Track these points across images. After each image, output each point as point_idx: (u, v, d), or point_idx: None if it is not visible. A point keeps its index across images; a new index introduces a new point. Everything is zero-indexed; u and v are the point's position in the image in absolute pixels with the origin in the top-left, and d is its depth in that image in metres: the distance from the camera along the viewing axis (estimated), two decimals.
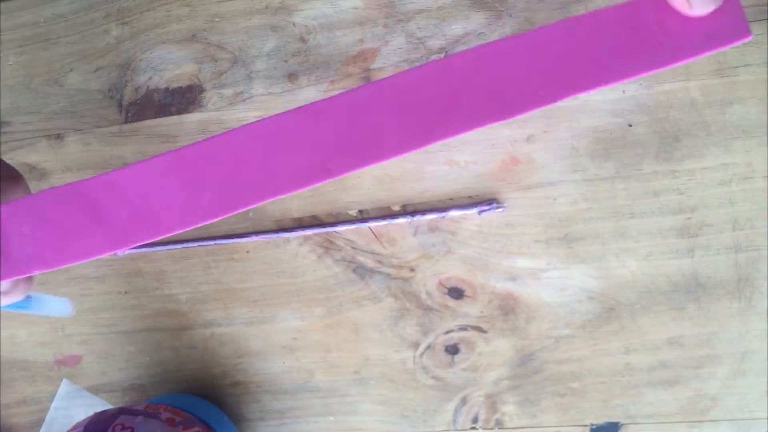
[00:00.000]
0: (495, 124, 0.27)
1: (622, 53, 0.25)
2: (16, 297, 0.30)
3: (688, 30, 0.24)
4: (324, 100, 0.26)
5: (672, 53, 0.24)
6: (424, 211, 0.39)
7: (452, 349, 0.40)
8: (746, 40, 0.24)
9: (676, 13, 0.24)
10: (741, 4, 0.24)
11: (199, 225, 0.26)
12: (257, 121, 0.27)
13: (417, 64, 0.39)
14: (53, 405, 0.45)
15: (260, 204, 0.27)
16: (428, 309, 0.40)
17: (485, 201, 0.39)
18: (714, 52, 0.24)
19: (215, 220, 0.26)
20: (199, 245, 0.42)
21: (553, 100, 0.25)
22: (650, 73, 0.25)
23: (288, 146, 0.27)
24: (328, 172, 0.27)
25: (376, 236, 0.40)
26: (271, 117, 0.27)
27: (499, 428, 0.40)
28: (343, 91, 0.26)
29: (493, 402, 0.40)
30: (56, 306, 0.39)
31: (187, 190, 0.26)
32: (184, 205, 0.26)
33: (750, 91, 0.36)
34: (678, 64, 0.24)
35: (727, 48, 0.24)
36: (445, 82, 0.26)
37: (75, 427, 0.35)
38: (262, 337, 0.42)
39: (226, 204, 0.26)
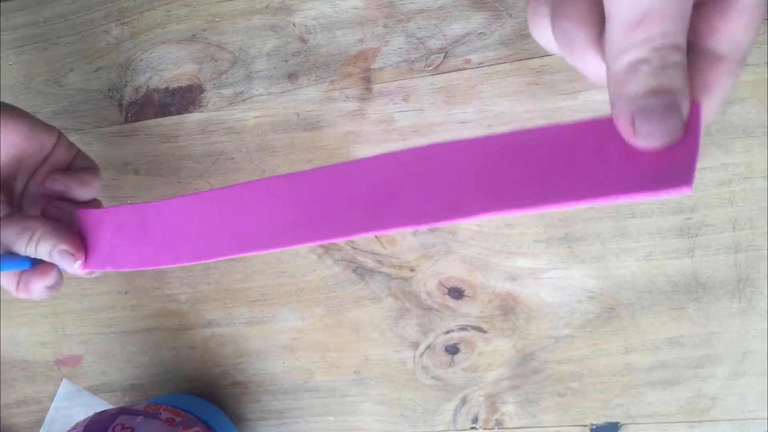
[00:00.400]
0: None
1: (549, 178, 0.22)
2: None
3: (625, 164, 0.20)
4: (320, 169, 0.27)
5: (597, 188, 0.20)
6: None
7: (452, 349, 0.40)
8: (685, 191, 0.19)
9: (622, 145, 0.20)
10: (697, 153, 0.19)
11: (210, 260, 0.29)
12: (290, 174, 0.28)
13: (417, 64, 0.39)
14: (53, 405, 0.45)
15: (265, 252, 0.28)
16: (428, 309, 0.40)
17: None
18: (645, 196, 0.20)
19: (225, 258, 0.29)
20: None
21: (470, 215, 0.23)
22: (576, 205, 0.21)
23: (309, 203, 0.27)
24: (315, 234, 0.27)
25: (376, 236, 0.40)
26: (300, 173, 0.27)
27: (499, 428, 0.40)
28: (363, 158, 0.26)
29: (493, 402, 0.40)
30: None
31: (205, 228, 0.29)
32: (204, 239, 0.29)
33: (750, 91, 0.36)
34: (599, 200, 0.20)
35: (659, 195, 0.19)
36: (389, 175, 0.25)
37: (75, 427, 0.35)
38: (262, 337, 0.42)
39: (234, 248, 0.28)
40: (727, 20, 0.19)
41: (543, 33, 0.22)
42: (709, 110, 0.20)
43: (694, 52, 0.19)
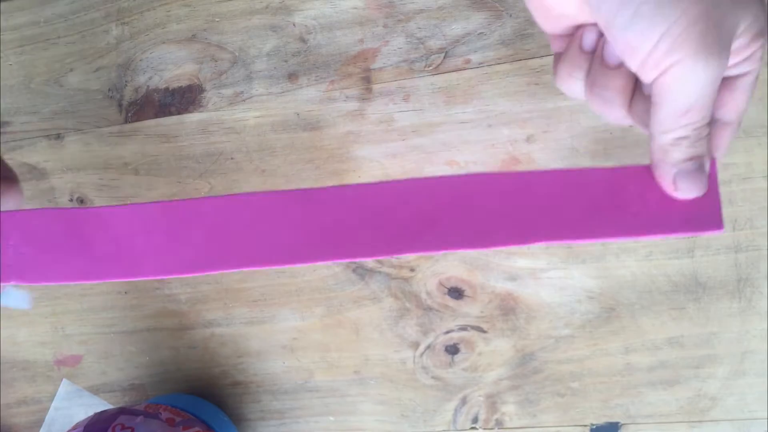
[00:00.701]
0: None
1: (598, 215, 0.25)
2: None
3: (665, 209, 0.25)
4: (323, 189, 0.27)
5: (645, 227, 0.25)
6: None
7: (452, 349, 0.40)
8: (718, 233, 0.25)
9: (658, 190, 0.26)
10: (720, 201, 0.25)
11: (173, 276, 0.27)
12: (249, 193, 0.27)
13: (417, 64, 0.39)
14: (53, 405, 0.45)
15: (234, 270, 0.28)
16: (428, 309, 0.40)
17: None
18: (685, 235, 0.25)
19: (189, 275, 0.27)
20: None
21: (516, 243, 0.26)
22: (620, 240, 0.26)
23: (274, 223, 0.27)
24: (296, 257, 0.27)
25: None
26: (266, 193, 0.27)
27: (499, 428, 0.40)
28: (335, 186, 0.27)
29: (493, 402, 0.40)
30: (16, 298, 0.38)
31: (171, 241, 0.27)
32: (164, 255, 0.27)
33: None
34: (648, 238, 0.25)
35: (697, 235, 0.25)
36: (430, 200, 0.26)
37: (75, 427, 0.35)
38: (262, 337, 0.42)
39: (203, 264, 0.27)
40: (733, 96, 0.25)
41: (573, 88, 0.27)
42: (719, 160, 0.27)
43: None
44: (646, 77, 0.23)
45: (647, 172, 0.26)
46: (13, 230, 0.28)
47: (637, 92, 0.26)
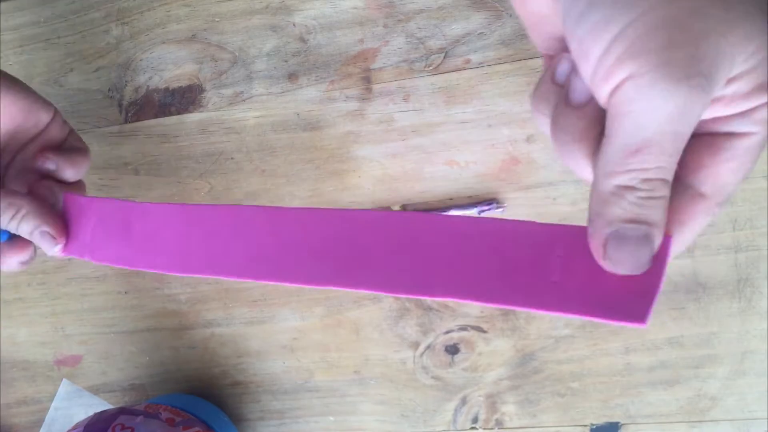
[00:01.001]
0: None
1: (510, 278, 0.22)
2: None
3: (588, 282, 0.20)
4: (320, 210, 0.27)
5: (554, 300, 0.21)
6: (424, 211, 0.39)
7: (452, 349, 0.40)
8: (640, 326, 0.19)
9: (588, 257, 0.20)
10: (658, 290, 0.19)
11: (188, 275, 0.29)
12: (282, 208, 0.27)
13: (417, 64, 0.39)
14: (53, 405, 0.45)
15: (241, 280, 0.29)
16: (428, 309, 0.40)
17: (485, 201, 0.39)
18: (603, 322, 0.20)
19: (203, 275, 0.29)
20: None
21: (433, 295, 0.23)
22: (525, 309, 0.22)
23: (294, 240, 0.27)
24: (308, 278, 0.26)
25: None
26: (287, 209, 0.27)
27: (499, 428, 0.40)
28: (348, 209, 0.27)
29: (493, 402, 0.40)
30: None
31: (193, 242, 0.29)
32: (185, 254, 0.29)
33: None
34: (553, 313, 0.21)
35: (615, 324, 0.20)
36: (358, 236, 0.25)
37: (75, 427, 0.35)
38: (262, 337, 0.42)
39: (213, 268, 0.28)
40: (717, 161, 0.19)
41: (541, 124, 0.22)
42: (679, 245, 0.20)
43: (676, 184, 0.19)
44: (598, 94, 0.18)
45: (583, 235, 0.21)
46: (95, 214, 0.32)
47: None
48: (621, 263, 0.19)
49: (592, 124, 0.19)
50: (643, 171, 0.18)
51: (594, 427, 0.39)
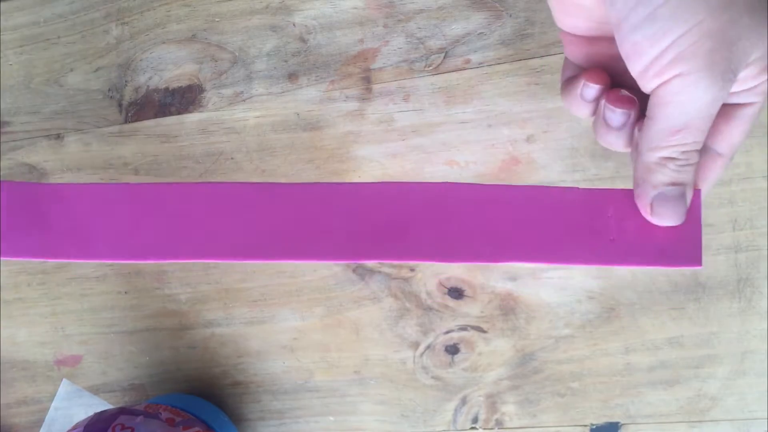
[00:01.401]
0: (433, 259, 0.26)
1: (573, 239, 0.24)
2: None
3: (642, 237, 0.24)
4: (296, 185, 0.26)
5: (620, 256, 0.24)
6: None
7: (452, 349, 0.40)
8: (696, 267, 0.24)
9: (637, 217, 0.24)
10: (701, 235, 0.24)
11: (126, 261, 0.27)
12: (211, 183, 0.26)
13: (417, 64, 0.39)
14: (53, 405, 0.45)
15: (184, 261, 0.27)
16: (428, 309, 0.40)
17: None
18: (662, 268, 0.24)
19: (143, 261, 0.27)
20: None
21: (492, 260, 0.25)
22: (592, 266, 0.24)
23: (237, 216, 0.26)
24: (262, 252, 0.26)
25: None
26: (230, 183, 0.26)
27: (499, 428, 0.40)
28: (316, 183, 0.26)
29: (493, 402, 0.40)
30: None
31: (128, 225, 0.26)
32: (120, 239, 0.26)
33: None
34: (623, 267, 0.24)
35: (675, 268, 0.23)
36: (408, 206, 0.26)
37: (75, 427, 0.35)
38: (262, 337, 0.42)
39: (156, 252, 0.26)
40: (730, 126, 0.24)
41: (580, 113, 0.27)
42: (704, 193, 0.26)
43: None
44: (645, 85, 0.23)
45: (629, 197, 0.25)
46: (47, 201, 0.27)
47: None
48: (666, 217, 0.24)
49: (631, 125, 0.25)
50: (684, 146, 0.23)
51: (594, 427, 0.39)
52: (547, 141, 0.38)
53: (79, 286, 0.44)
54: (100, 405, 0.45)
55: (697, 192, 0.24)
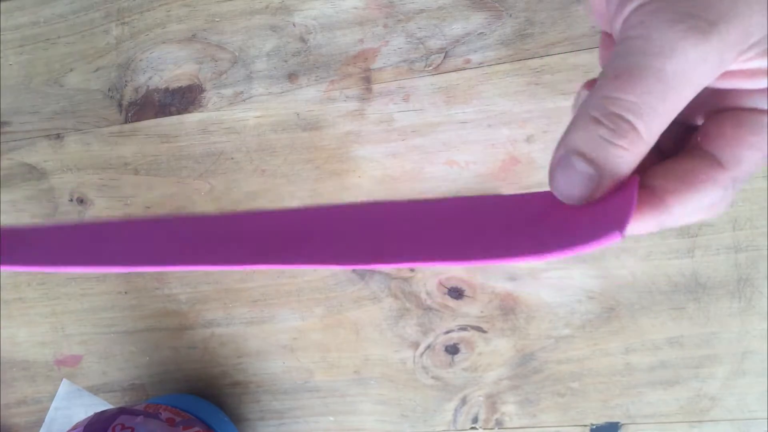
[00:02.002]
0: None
1: (503, 238, 0.22)
2: None
3: (568, 224, 0.20)
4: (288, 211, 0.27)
5: (552, 245, 0.20)
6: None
7: (452, 349, 0.40)
8: (616, 238, 0.17)
9: (561, 206, 0.20)
10: (633, 204, 0.18)
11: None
12: (193, 216, 0.27)
13: (417, 64, 0.39)
14: (53, 405, 0.45)
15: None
16: (428, 309, 0.40)
17: None
18: (586, 249, 0.19)
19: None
20: None
21: (425, 261, 0.23)
22: (525, 261, 0.21)
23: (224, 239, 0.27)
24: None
25: None
26: (217, 215, 0.27)
27: (499, 428, 0.40)
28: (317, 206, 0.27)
29: (493, 402, 0.40)
30: None
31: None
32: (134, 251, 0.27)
33: None
34: (556, 256, 0.21)
35: (595, 248, 0.18)
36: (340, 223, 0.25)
37: (75, 427, 0.35)
38: (262, 337, 0.42)
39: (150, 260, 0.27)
40: (738, 132, 0.18)
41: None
42: (683, 209, 0.18)
43: (696, 151, 0.19)
44: (613, 25, 0.18)
45: (551, 196, 0.21)
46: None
47: None
48: (556, 187, 0.18)
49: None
50: (612, 101, 0.16)
51: (594, 427, 0.39)
52: (547, 141, 0.38)
53: (79, 286, 0.44)
54: (100, 405, 0.45)
55: (634, 180, 0.18)
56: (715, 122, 0.19)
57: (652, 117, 0.16)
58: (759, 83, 0.17)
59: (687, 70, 0.16)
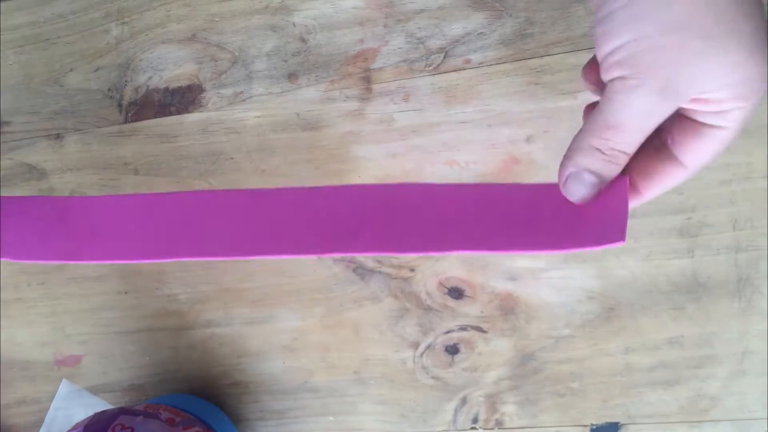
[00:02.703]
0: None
1: (514, 230, 0.27)
2: None
3: (575, 223, 0.26)
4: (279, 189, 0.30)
5: (552, 242, 0.26)
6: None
7: (452, 349, 0.40)
8: (619, 244, 0.24)
9: (568, 204, 0.27)
10: (627, 212, 0.25)
11: (143, 261, 0.31)
12: (209, 191, 0.30)
13: (417, 64, 0.39)
14: (53, 405, 0.45)
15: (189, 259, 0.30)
16: (428, 309, 0.40)
17: None
18: (593, 249, 0.26)
19: (152, 261, 0.31)
20: None
21: (432, 250, 0.27)
22: (533, 253, 0.27)
23: (231, 218, 0.29)
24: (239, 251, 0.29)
25: None
26: (224, 191, 0.30)
27: (499, 428, 0.40)
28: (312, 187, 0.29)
29: (493, 402, 0.40)
30: None
31: (143, 229, 0.30)
32: (136, 242, 0.30)
33: None
34: (558, 252, 0.27)
35: (601, 248, 0.26)
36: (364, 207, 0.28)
37: (75, 427, 0.35)
38: (262, 337, 0.42)
39: (164, 252, 0.29)
40: (699, 142, 0.24)
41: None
42: (648, 195, 0.27)
43: (664, 151, 0.25)
44: (603, 75, 0.24)
45: (557, 191, 0.27)
46: (12, 215, 0.32)
47: None
48: (571, 194, 0.26)
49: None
50: (611, 143, 0.24)
51: (594, 427, 0.39)
52: (547, 141, 0.38)
53: (79, 287, 0.44)
54: (100, 405, 0.45)
55: (623, 180, 0.26)
56: (682, 132, 0.25)
57: (633, 148, 0.24)
58: (716, 108, 0.23)
59: (656, 120, 0.23)
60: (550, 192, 0.27)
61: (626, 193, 0.25)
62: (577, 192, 0.26)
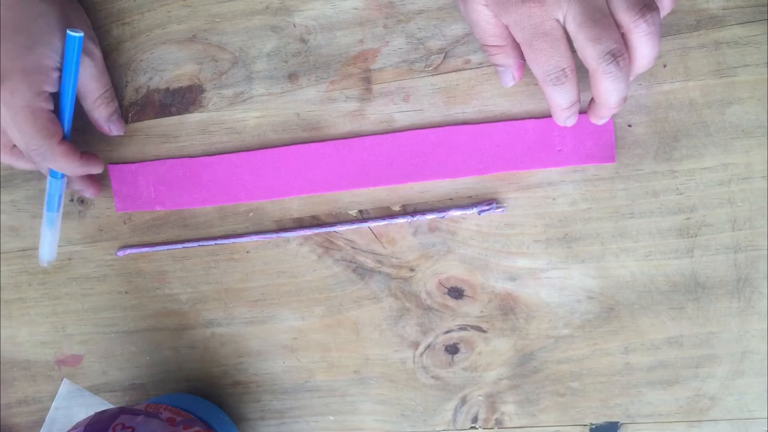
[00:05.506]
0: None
1: (532, 153, 0.38)
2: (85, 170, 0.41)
3: (576, 147, 0.37)
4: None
5: (562, 160, 0.37)
6: (424, 211, 0.39)
7: (452, 349, 0.40)
8: (609, 163, 0.37)
9: (571, 133, 0.37)
10: (613, 138, 0.37)
11: (258, 200, 0.41)
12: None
13: (417, 64, 0.39)
14: (54, 405, 0.46)
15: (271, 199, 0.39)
16: (428, 309, 0.40)
17: (485, 201, 0.39)
18: (591, 164, 0.37)
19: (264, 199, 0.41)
20: (199, 245, 0.42)
21: (485, 171, 0.39)
22: (549, 168, 0.38)
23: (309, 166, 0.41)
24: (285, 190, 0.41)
25: (376, 236, 0.40)
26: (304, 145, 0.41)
27: (499, 428, 0.40)
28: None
29: (492, 402, 0.40)
30: (50, 245, 0.42)
31: (254, 177, 0.41)
32: (250, 187, 0.41)
33: (749, 91, 0.36)
34: (565, 166, 0.37)
35: (596, 164, 0.37)
36: (414, 147, 0.39)
37: (75, 427, 0.35)
38: (262, 337, 0.42)
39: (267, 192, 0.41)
40: (594, 84, 0.32)
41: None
42: (596, 120, 0.35)
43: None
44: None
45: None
46: (150, 175, 0.42)
47: None
48: (565, 120, 0.35)
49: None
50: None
51: (593, 426, 0.39)
52: None
53: (80, 286, 0.44)
54: (100, 404, 0.45)
55: (610, 124, 0.37)
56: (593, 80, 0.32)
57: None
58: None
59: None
60: (555, 124, 0.37)
61: (611, 123, 0.36)
62: (560, 96, 0.33)
